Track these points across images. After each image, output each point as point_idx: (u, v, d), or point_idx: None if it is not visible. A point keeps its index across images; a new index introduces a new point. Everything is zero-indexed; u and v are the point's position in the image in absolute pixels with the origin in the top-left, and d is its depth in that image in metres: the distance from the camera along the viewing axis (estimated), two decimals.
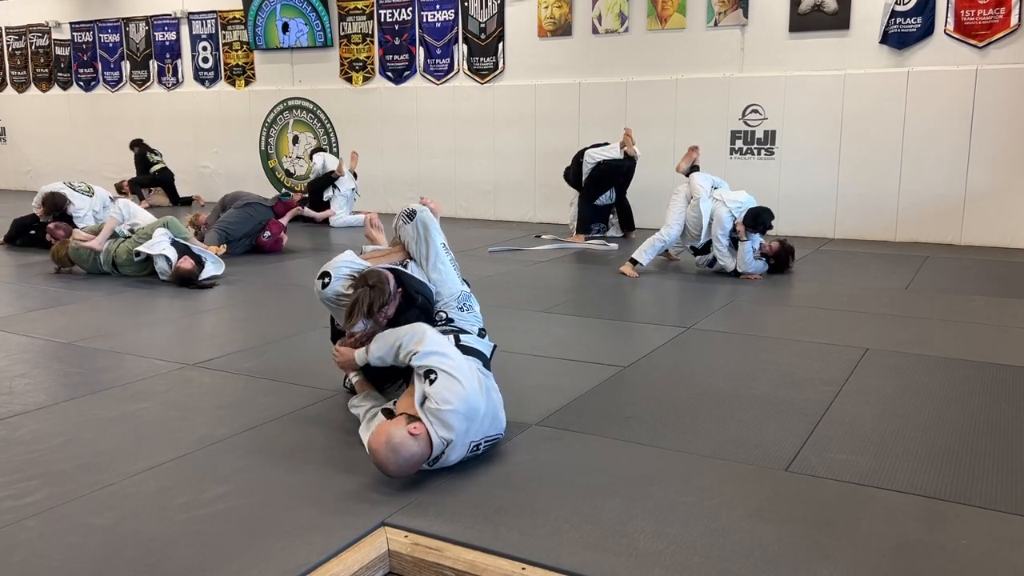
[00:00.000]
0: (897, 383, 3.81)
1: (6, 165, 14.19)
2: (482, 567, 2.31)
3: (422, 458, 2.71)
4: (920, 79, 7.71)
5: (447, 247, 3.50)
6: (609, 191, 8.23)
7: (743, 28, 8.40)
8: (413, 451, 2.66)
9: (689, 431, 3.25)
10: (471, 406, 2.77)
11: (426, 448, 2.70)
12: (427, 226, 3.44)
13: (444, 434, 2.71)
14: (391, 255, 3.52)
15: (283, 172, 11.55)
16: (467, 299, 3.40)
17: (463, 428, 2.75)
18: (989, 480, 2.80)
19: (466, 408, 2.75)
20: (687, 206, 6.51)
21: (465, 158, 10.09)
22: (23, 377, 4.03)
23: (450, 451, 2.76)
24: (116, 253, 6.38)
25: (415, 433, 2.67)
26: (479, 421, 2.82)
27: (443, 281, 3.41)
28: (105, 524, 2.53)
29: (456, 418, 2.72)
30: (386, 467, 2.68)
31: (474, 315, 3.39)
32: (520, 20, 9.54)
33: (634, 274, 6.38)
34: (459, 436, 2.75)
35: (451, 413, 2.71)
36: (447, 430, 2.71)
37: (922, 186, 7.82)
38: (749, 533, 2.44)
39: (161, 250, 6.18)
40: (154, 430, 3.31)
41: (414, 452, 2.67)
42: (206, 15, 11.82)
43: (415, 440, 2.67)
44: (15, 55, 13.88)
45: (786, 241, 6.55)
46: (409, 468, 2.70)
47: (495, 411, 2.96)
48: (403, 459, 2.66)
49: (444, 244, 3.48)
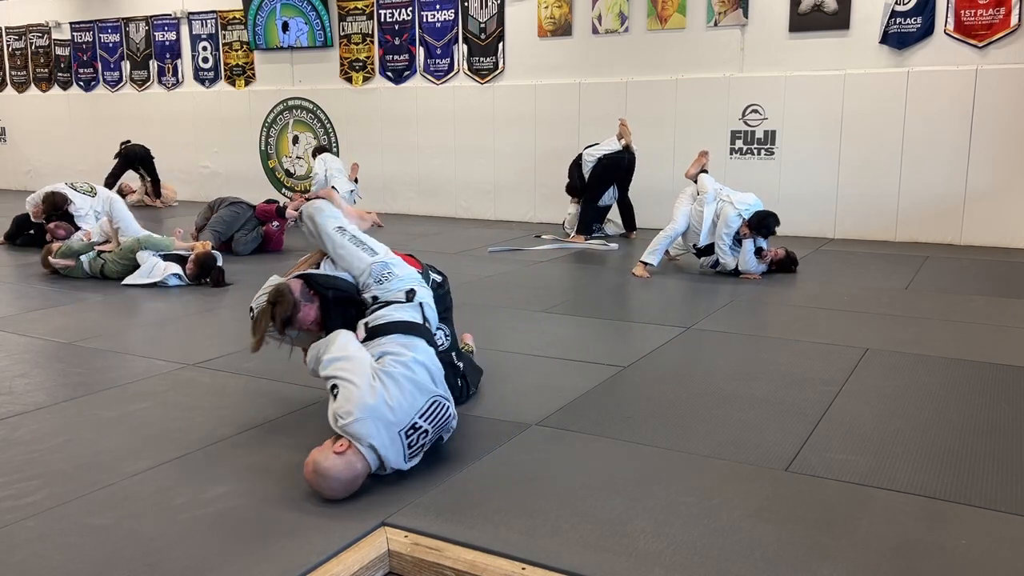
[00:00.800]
0: (897, 383, 3.81)
1: (6, 165, 14.19)
2: (482, 567, 2.31)
3: (357, 470, 2.64)
4: (920, 79, 7.71)
5: (343, 229, 3.25)
6: (611, 189, 8.23)
7: (743, 28, 8.40)
8: (341, 470, 2.61)
9: (689, 431, 3.25)
10: (370, 405, 2.66)
11: (359, 459, 2.64)
12: (313, 218, 3.27)
13: (365, 446, 2.65)
14: (306, 262, 3.42)
15: (283, 172, 11.55)
16: (382, 268, 3.11)
17: (377, 429, 2.66)
18: (989, 480, 2.80)
19: (367, 412, 2.65)
20: (693, 203, 6.53)
21: (465, 158, 10.09)
22: (23, 377, 4.03)
23: (387, 452, 2.68)
24: (105, 270, 6.37)
25: (339, 451, 2.63)
26: (392, 412, 2.68)
27: (349, 262, 3.18)
28: (105, 524, 2.53)
29: (362, 426, 2.64)
30: (324, 493, 2.64)
31: (396, 280, 3.09)
32: (520, 20, 9.54)
33: (645, 274, 6.40)
34: (380, 437, 2.66)
35: (356, 424, 2.64)
36: (364, 440, 2.65)
37: (922, 186, 7.82)
38: (749, 533, 2.44)
39: (163, 275, 6.16)
40: (154, 430, 3.31)
41: (342, 471, 2.61)
42: (206, 15, 11.82)
43: (342, 457, 2.62)
44: (15, 55, 13.88)
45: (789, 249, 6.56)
46: (347, 484, 2.64)
47: (412, 390, 2.76)
48: (336, 481, 2.62)
49: (339, 227, 3.24)
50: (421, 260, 3.47)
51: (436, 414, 2.82)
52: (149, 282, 6.13)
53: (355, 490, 2.68)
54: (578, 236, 8.18)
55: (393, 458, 2.72)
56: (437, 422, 2.82)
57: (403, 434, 2.72)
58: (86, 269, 6.41)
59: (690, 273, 6.61)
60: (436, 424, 2.82)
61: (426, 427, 2.78)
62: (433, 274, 3.44)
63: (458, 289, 5.82)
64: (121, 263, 6.30)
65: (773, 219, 6.31)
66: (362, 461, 2.66)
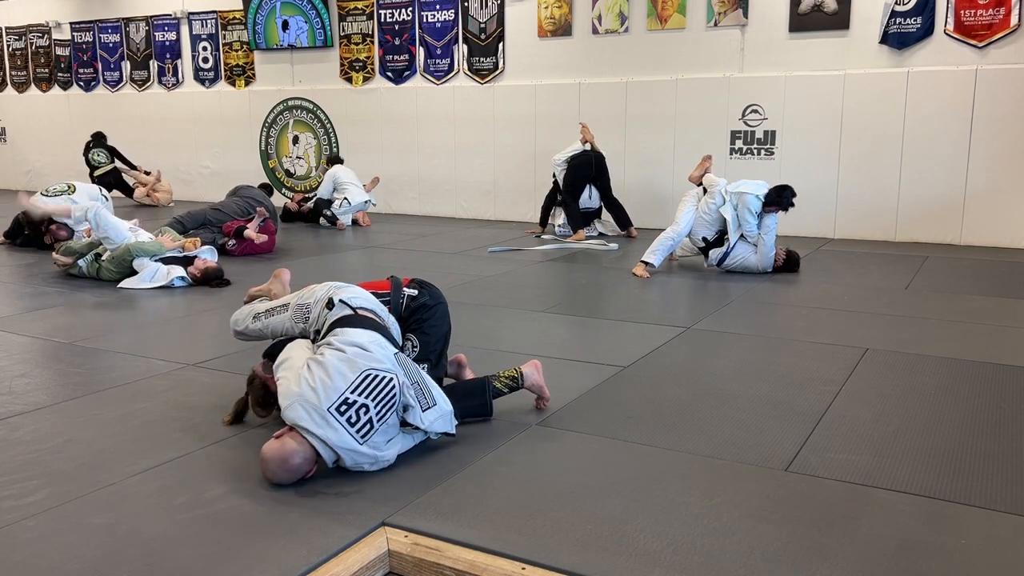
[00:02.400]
0: (897, 383, 3.81)
1: (6, 165, 14.19)
2: (482, 567, 2.31)
3: (288, 451, 2.73)
4: (920, 79, 7.71)
5: (257, 315, 3.39)
6: (588, 190, 8.25)
7: (743, 28, 8.40)
8: (274, 451, 2.74)
9: (689, 431, 3.25)
10: (295, 392, 2.78)
11: (295, 446, 2.74)
12: (237, 330, 3.46)
13: (303, 431, 2.75)
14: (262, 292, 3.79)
15: (283, 172, 11.55)
16: (296, 311, 3.25)
17: (307, 412, 2.74)
18: (989, 480, 2.80)
19: (294, 398, 2.78)
20: (698, 204, 6.57)
21: (465, 158, 10.09)
22: (23, 377, 4.03)
23: (325, 433, 2.73)
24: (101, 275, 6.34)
25: (278, 435, 2.78)
26: (315, 393, 2.75)
27: (279, 330, 3.35)
28: (105, 524, 2.53)
29: (292, 410, 2.77)
30: (268, 477, 2.78)
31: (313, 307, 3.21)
32: (520, 20, 9.54)
33: (645, 274, 6.40)
34: (310, 419, 2.74)
35: (287, 410, 2.79)
36: (297, 423, 2.76)
37: (922, 186, 7.83)
38: (749, 533, 2.44)
39: (167, 279, 6.14)
40: (154, 430, 3.31)
41: (275, 452, 2.74)
42: (206, 15, 11.83)
43: (278, 442, 2.76)
44: (15, 55, 13.88)
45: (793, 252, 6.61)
46: (281, 464, 2.74)
47: (341, 367, 2.82)
48: (272, 462, 2.74)
49: (253, 316, 3.40)
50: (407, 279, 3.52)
51: (373, 387, 2.82)
52: (153, 286, 6.12)
53: (298, 471, 2.75)
54: (577, 234, 8.18)
55: (336, 439, 2.74)
56: (378, 396, 2.81)
57: (334, 411, 2.76)
58: (84, 271, 6.41)
59: (690, 273, 6.61)
60: (376, 398, 2.81)
61: (363, 401, 2.79)
62: (408, 290, 3.44)
63: (458, 289, 5.85)
64: (116, 270, 6.26)
65: (789, 191, 6.39)
66: (299, 444, 2.75)
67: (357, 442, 2.77)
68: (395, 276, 3.54)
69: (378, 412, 2.81)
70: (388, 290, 3.39)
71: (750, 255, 6.43)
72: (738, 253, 6.45)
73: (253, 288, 3.91)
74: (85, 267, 6.41)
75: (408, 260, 7.31)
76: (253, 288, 3.91)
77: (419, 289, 3.47)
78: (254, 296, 3.82)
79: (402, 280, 3.50)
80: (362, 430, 2.79)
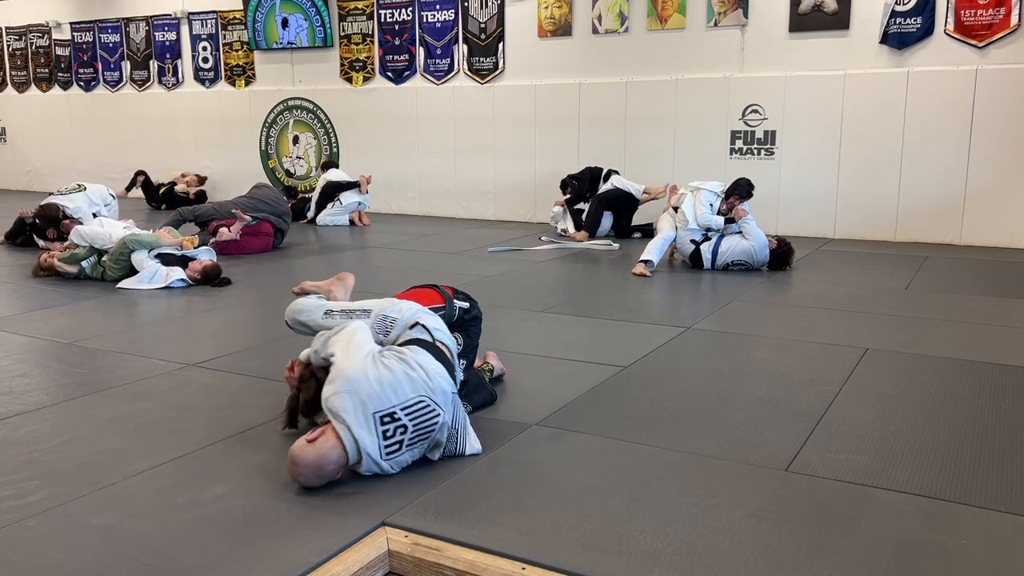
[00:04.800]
0: (897, 383, 3.81)
1: (6, 165, 14.19)
2: (482, 567, 2.31)
3: (330, 458, 2.68)
4: (920, 79, 7.71)
5: (330, 312, 3.23)
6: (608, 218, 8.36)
7: (743, 28, 8.40)
8: (311, 456, 2.67)
9: (689, 431, 3.25)
10: (349, 375, 2.74)
11: (330, 447, 2.68)
12: (299, 321, 3.30)
13: (339, 420, 2.70)
14: None
15: (283, 172, 11.55)
16: (382, 321, 3.14)
17: (353, 405, 2.70)
18: (989, 480, 2.80)
19: (345, 385, 2.72)
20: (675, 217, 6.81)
21: (465, 158, 10.09)
22: (23, 377, 4.03)
23: (360, 433, 2.69)
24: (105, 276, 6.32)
25: (310, 439, 2.70)
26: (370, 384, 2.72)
27: None
28: (105, 524, 2.53)
29: (338, 399, 2.71)
30: (298, 480, 2.73)
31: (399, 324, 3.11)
32: (520, 20, 9.54)
33: (647, 273, 6.43)
34: (354, 414, 2.69)
35: (333, 398, 2.72)
36: (339, 416, 2.70)
37: (922, 186, 7.83)
38: (749, 533, 2.44)
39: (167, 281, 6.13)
40: (154, 430, 3.31)
41: (312, 457, 2.67)
42: (206, 15, 11.82)
43: (311, 444, 2.69)
44: (15, 55, 13.88)
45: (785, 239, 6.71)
46: (319, 472, 2.69)
47: (404, 380, 2.78)
48: (305, 467, 2.68)
49: (326, 313, 3.23)
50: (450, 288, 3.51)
51: (420, 414, 2.80)
52: (152, 287, 6.11)
53: (329, 477, 2.71)
54: (579, 234, 8.18)
55: (368, 443, 2.71)
56: (419, 424, 2.80)
57: (379, 418, 2.73)
58: (89, 273, 6.40)
59: (690, 273, 6.62)
60: (417, 425, 2.79)
61: (406, 422, 2.77)
62: (458, 302, 3.45)
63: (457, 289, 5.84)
64: (117, 268, 6.26)
65: (744, 180, 6.82)
66: (334, 447, 2.69)
67: (381, 455, 2.75)
68: (439, 286, 3.53)
69: (411, 438, 2.81)
70: (441, 303, 3.38)
71: (740, 240, 6.55)
72: (727, 243, 6.56)
73: (309, 283, 3.75)
74: (89, 268, 6.41)
75: (408, 260, 7.31)
76: (309, 283, 3.75)
77: (468, 301, 3.53)
78: (308, 291, 3.67)
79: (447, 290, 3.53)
80: (391, 448, 2.78)
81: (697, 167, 8.40)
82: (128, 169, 11.89)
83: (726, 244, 6.55)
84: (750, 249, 6.49)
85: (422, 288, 3.51)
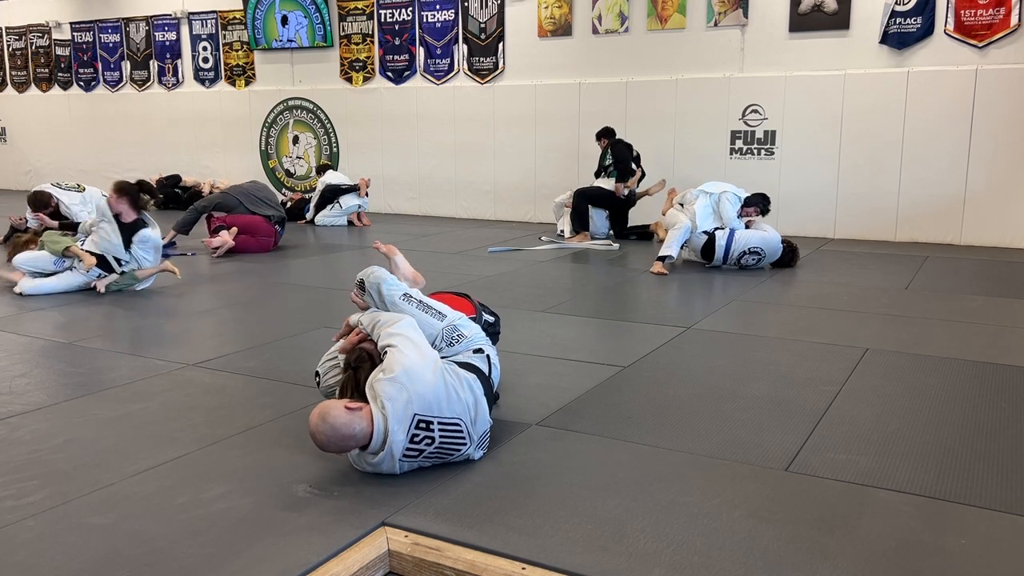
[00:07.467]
0: (897, 383, 3.81)
1: (6, 165, 14.19)
2: (482, 567, 2.31)
3: (354, 430, 2.65)
4: (920, 79, 7.71)
5: (409, 296, 3.23)
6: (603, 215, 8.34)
7: (743, 28, 8.40)
8: (342, 419, 2.64)
9: (689, 431, 3.25)
10: (412, 373, 2.72)
11: (361, 423, 2.66)
12: (379, 289, 3.27)
13: (380, 404, 2.68)
14: None
15: (283, 172, 11.55)
16: (452, 331, 3.17)
17: (400, 396, 2.69)
18: (989, 480, 2.80)
19: (406, 377, 2.71)
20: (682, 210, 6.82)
21: (465, 158, 10.10)
22: (23, 377, 4.03)
23: (394, 424, 2.67)
24: None
25: (351, 407, 2.68)
26: (424, 391, 2.72)
27: None
28: (105, 524, 2.52)
29: (391, 386, 2.69)
30: (316, 437, 2.68)
31: (466, 341, 3.16)
32: (520, 20, 9.54)
33: (664, 271, 6.48)
34: (397, 403, 2.68)
35: (386, 381, 2.70)
36: (383, 403, 2.67)
37: (922, 186, 7.83)
38: (749, 533, 2.44)
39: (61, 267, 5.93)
40: (154, 430, 3.31)
41: (343, 421, 2.64)
42: (206, 15, 11.83)
43: (348, 412, 2.66)
44: (15, 55, 13.88)
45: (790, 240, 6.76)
46: (338, 437, 2.65)
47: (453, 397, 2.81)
48: (330, 425, 2.64)
49: (404, 296, 3.22)
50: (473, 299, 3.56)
51: (451, 436, 2.82)
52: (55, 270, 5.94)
53: (342, 447, 2.70)
54: (580, 235, 8.17)
55: (398, 439, 2.69)
56: (446, 443, 2.81)
57: (417, 420, 2.72)
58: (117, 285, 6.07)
59: (691, 272, 6.62)
60: (443, 444, 2.81)
61: (436, 436, 2.78)
62: (486, 315, 3.49)
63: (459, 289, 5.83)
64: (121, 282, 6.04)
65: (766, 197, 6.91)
66: (367, 425, 2.67)
67: (397, 456, 2.75)
68: (471, 296, 3.56)
69: (432, 452, 2.81)
70: (473, 314, 3.41)
71: (754, 233, 6.61)
72: (742, 234, 6.61)
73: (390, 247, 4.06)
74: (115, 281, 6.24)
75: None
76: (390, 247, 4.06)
77: (495, 316, 3.57)
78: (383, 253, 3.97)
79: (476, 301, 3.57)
80: (411, 453, 2.77)
81: (697, 167, 8.41)
82: (128, 169, 11.90)
83: (740, 234, 6.60)
84: (768, 238, 6.53)
85: (455, 295, 3.53)
